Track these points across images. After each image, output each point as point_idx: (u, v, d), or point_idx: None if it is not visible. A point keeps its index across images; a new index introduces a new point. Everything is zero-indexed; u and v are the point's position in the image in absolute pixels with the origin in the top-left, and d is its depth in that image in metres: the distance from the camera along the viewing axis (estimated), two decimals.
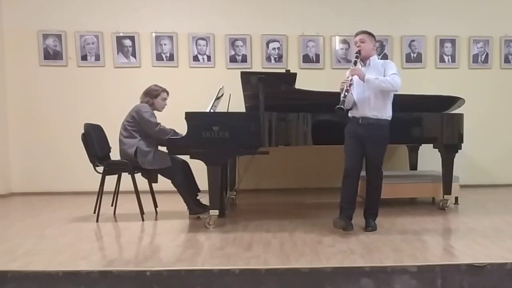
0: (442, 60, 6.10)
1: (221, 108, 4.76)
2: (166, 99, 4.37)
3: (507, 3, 6.11)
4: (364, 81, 3.55)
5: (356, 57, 3.62)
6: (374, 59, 3.73)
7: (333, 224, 3.55)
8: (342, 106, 3.42)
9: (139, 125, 4.19)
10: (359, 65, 3.63)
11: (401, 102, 4.61)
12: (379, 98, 3.61)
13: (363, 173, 3.72)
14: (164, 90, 4.36)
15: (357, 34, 3.71)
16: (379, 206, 3.79)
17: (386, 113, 3.66)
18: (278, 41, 5.98)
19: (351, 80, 3.53)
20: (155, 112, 4.32)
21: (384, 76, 3.59)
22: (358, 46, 3.64)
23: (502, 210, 4.56)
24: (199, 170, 4.22)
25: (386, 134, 3.66)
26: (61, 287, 2.66)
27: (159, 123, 4.18)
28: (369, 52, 3.67)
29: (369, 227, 3.67)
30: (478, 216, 4.25)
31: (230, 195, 5.03)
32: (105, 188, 4.24)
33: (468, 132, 4.86)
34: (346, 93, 3.47)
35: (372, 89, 3.58)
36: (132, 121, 4.21)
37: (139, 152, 4.13)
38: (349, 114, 3.70)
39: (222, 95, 4.59)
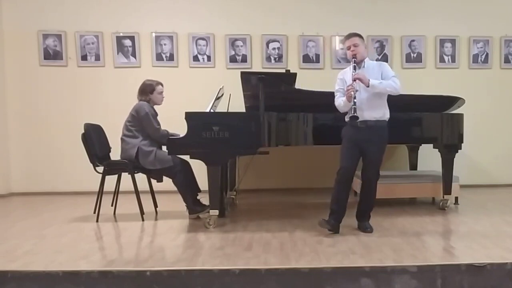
0: (442, 60, 6.09)
1: (221, 108, 4.76)
2: (162, 91, 4.35)
3: (507, 3, 6.11)
4: (368, 86, 3.47)
5: (354, 61, 3.56)
6: (368, 61, 3.69)
7: (320, 224, 3.53)
8: (356, 115, 3.42)
9: (140, 124, 4.19)
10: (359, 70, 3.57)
11: (401, 102, 4.61)
12: (376, 100, 3.56)
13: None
14: (159, 83, 4.33)
15: (348, 37, 3.64)
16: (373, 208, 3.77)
17: (384, 114, 3.62)
18: (278, 41, 5.98)
19: (356, 86, 3.46)
20: (155, 107, 4.32)
21: (382, 78, 3.55)
22: (352, 51, 3.57)
23: (502, 210, 4.56)
24: (199, 170, 4.22)
25: (385, 135, 3.62)
26: (61, 287, 2.66)
27: (159, 128, 4.19)
28: (363, 54, 3.62)
29: (367, 228, 3.65)
30: (478, 216, 4.25)
31: (230, 195, 5.02)
32: (105, 188, 4.24)
33: (468, 132, 4.86)
34: (355, 100, 3.43)
35: (369, 91, 3.51)
36: (132, 120, 4.21)
37: (140, 153, 4.13)
38: (346, 118, 3.61)
39: (222, 95, 4.59)
